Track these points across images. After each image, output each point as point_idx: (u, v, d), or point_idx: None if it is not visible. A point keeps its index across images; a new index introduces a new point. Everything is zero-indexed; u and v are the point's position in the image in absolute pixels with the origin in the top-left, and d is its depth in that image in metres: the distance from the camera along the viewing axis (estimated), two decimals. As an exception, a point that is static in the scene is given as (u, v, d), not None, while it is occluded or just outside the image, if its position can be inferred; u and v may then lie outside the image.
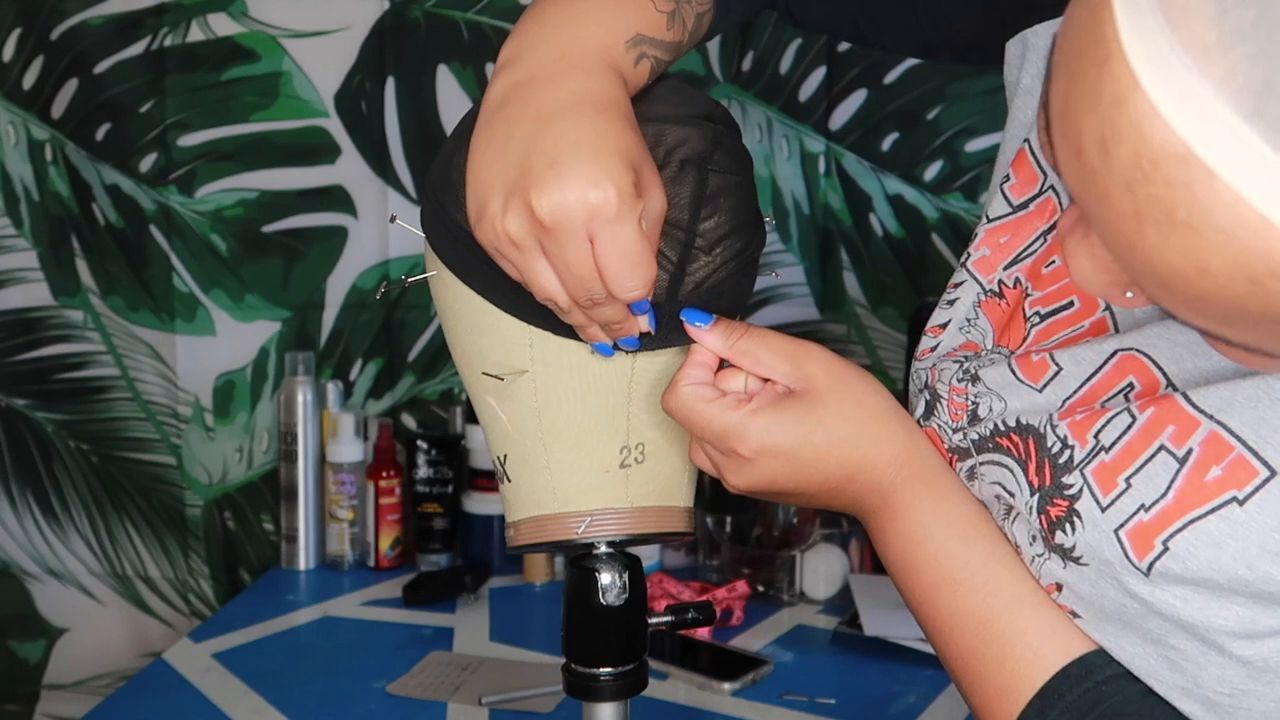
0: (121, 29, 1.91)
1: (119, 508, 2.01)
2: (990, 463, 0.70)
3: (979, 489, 0.72)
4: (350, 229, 1.93)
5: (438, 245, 0.75)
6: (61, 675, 2.05)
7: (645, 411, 0.76)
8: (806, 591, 1.68)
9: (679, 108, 0.74)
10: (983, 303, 0.75)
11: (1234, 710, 0.61)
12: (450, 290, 0.75)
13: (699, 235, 0.72)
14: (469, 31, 1.87)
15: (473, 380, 0.77)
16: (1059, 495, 0.64)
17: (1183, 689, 0.62)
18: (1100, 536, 0.62)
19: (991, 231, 0.75)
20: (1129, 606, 0.62)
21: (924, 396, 0.76)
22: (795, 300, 1.88)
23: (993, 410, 0.70)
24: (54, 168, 1.96)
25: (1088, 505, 0.63)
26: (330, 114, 1.91)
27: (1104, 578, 0.63)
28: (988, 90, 1.80)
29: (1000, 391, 0.70)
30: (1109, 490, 0.62)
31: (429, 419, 1.96)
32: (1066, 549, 0.64)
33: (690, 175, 0.72)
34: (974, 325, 0.76)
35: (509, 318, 0.73)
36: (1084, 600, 0.65)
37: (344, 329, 1.95)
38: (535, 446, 0.76)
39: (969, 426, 0.72)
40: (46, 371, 2.00)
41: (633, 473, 0.76)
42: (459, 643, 1.58)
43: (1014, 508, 0.68)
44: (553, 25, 0.70)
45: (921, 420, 0.76)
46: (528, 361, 0.74)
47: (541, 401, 0.75)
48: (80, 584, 2.03)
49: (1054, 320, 0.71)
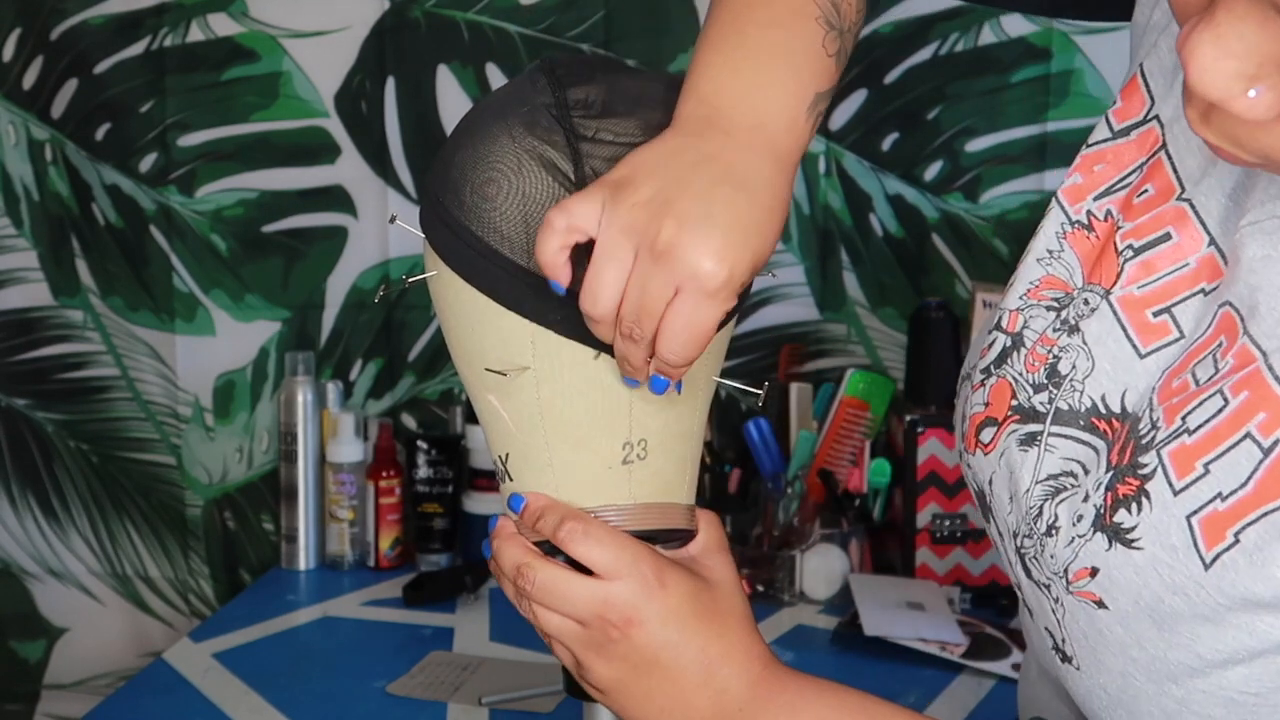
0: (121, 29, 1.91)
1: (119, 508, 2.01)
2: (1070, 439, 0.66)
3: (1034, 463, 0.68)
4: (350, 229, 1.93)
5: (438, 245, 0.75)
6: (62, 675, 2.05)
7: (647, 407, 0.75)
8: (806, 591, 1.68)
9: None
10: (1068, 234, 0.71)
11: (1258, 709, 0.59)
12: (450, 289, 0.75)
13: None
14: (469, 31, 1.87)
15: (473, 379, 0.77)
16: (1132, 474, 0.61)
17: (1204, 693, 0.59)
18: (1169, 521, 0.59)
19: (1087, 158, 0.72)
20: (1167, 604, 0.59)
21: (1000, 339, 0.72)
22: (795, 300, 1.88)
23: (1077, 369, 0.67)
24: (54, 168, 1.96)
25: (1159, 487, 0.60)
26: (330, 114, 1.91)
27: (1155, 565, 0.60)
28: (988, 90, 1.80)
29: (1093, 348, 0.66)
30: (1185, 474, 0.59)
31: (429, 419, 1.96)
32: (1124, 529, 0.61)
33: None
34: (1057, 258, 0.71)
35: (510, 315, 0.73)
36: (1118, 588, 0.61)
37: (344, 329, 1.95)
38: (537, 444, 0.76)
39: (1049, 384, 0.68)
40: (46, 371, 2.00)
41: (635, 469, 0.76)
42: (459, 643, 1.58)
43: (1073, 487, 0.65)
44: (747, 81, 0.71)
45: (993, 367, 0.72)
46: (529, 359, 0.74)
47: (543, 399, 0.75)
48: (80, 584, 2.03)
49: (1151, 255, 0.66)
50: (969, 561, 1.65)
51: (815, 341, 1.89)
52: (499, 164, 0.72)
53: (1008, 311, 0.72)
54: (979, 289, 1.71)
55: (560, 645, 0.75)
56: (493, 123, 0.73)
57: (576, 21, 1.85)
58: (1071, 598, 0.64)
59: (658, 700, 0.73)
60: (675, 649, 0.72)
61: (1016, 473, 0.69)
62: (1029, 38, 1.78)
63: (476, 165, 0.73)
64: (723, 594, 0.75)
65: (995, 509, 0.71)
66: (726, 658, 0.73)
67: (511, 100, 0.74)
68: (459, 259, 0.74)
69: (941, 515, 1.65)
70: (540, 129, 0.72)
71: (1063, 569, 0.65)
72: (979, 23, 1.79)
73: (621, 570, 0.72)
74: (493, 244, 0.72)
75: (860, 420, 1.77)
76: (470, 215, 0.72)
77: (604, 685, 0.74)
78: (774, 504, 1.71)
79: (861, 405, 1.77)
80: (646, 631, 0.72)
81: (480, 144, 0.73)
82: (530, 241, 0.71)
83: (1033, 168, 1.81)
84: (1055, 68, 1.78)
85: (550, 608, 0.74)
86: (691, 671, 0.72)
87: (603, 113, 0.72)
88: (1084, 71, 1.77)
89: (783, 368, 1.85)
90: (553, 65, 0.75)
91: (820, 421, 1.78)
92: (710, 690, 0.72)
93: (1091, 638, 0.64)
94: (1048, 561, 0.66)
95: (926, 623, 1.54)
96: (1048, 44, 1.77)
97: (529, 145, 0.72)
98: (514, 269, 0.72)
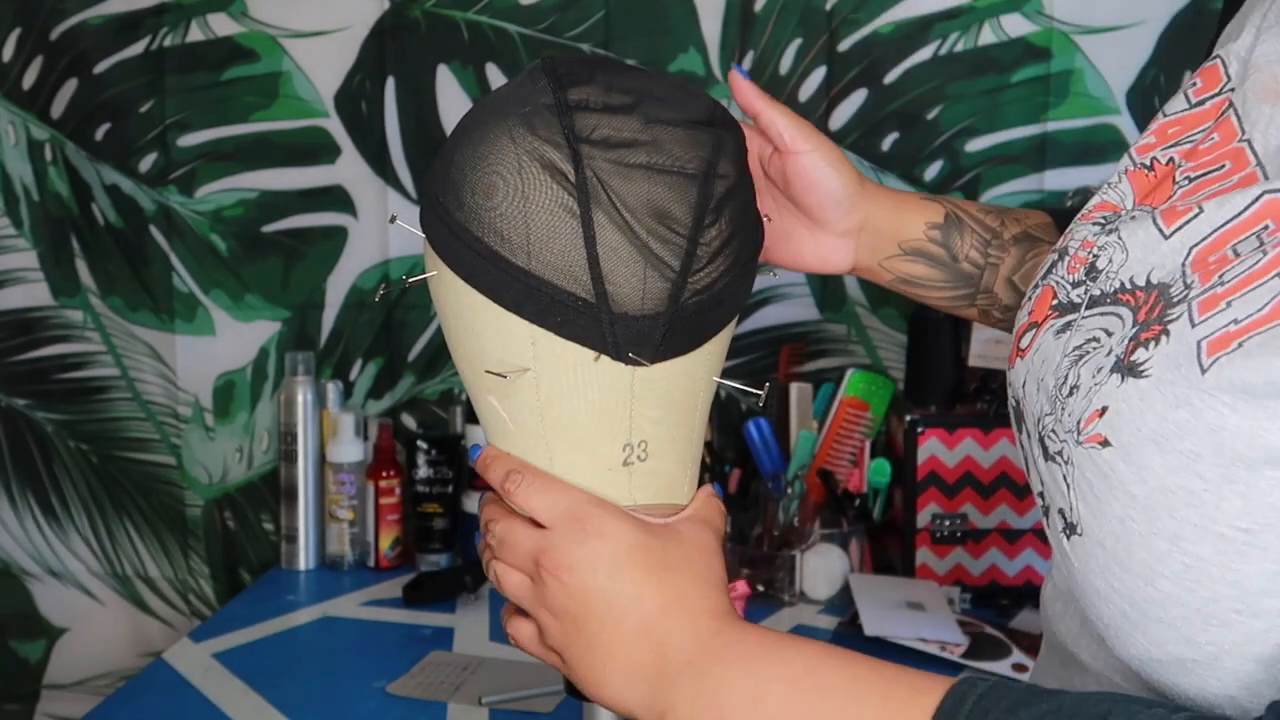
0: (121, 29, 1.91)
1: (119, 508, 2.01)
2: (1098, 314, 0.68)
3: (1067, 342, 0.69)
4: (350, 229, 1.93)
5: (439, 245, 0.75)
6: (61, 675, 2.05)
7: (648, 408, 0.75)
8: (806, 591, 1.68)
9: (680, 111, 0.73)
10: (1129, 171, 0.74)
11: (1247, 548, 0.58)
12: (451, 290, 0.75)
13: (701, 243, 0.72)
14: (469, 31, 1.87)
15: (474, 380, 0.77)
16: (1158, 323, 0.63)
17: (1196, 526, 0.59)
18: (1180, 348, 0.60)
19: (1163, 125, 0.75)
20: (1169, 421, 0.60)
21: (1050, 256, 0.75)
22: (795, 300, 1.88)
23: (1113, 262, 0.68)
24: (54, 168, 1.96)
25: (1181, 325, 0.61)
26: (330, 114, 1.91)
27: (1157, 389, 0.60)
28: (988, 90, 1.80)
29: (1126, 241, 0.68)
30: (1207, 311, 0.60)
31: (429, 419, 1.96)
32: (1138, 364, 0.62)
33: (694, 185, 0.72)
34: (1114, 188, 0.74)
35: (511, 316, 0.73)
36: (1123, 419, 0.62)
37: (344, 329, 1.95)
38: (538, 445, 0.76)
39: (1087, 279, 0.70)
40: (46, 371, 2.00)
41: (635, 470, 0.76)
42: (459, 643, 1.58)
43: (1097, 350, 0.66)
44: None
45: (1040, 280, 0.74)
46: (530, 360, 0.74)
47: (543, 400, 0.75)
48: (80, 584, 2.03)
49: (1201, 180, 0.69)
50: (969, 561, 1.65)
51: (815, 341, 1.89)
52: (499, 165, 0.72)
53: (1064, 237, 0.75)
54: (979, 289, 1.71)
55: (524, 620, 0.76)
56: (493, 123, 0.73)
57: (576, 21, 1.85)
58: (1080, 449, 0.64)
59: (599, 654, 0.72)
60: (605, 595, 0.71)
61: (1049, 359, 0.70)
62: (1029, 38, 1.78)
63: (476, 166, 0.72)
64: (676, 549, 0.74)
65: (1026, 410, 0.71)
66: (665, 611, 0.71)
67: (511, 100, 0.74)
68: (459, 260, 0.73)
69: (941, 515, 1.65)
70: (540, 130, 0.71)
71: (1076, 422, 0.65)
72: (979, 23, 1.79)
73: (557, 517, 0.73)
74: (493, 245, 0.72)
75: (860, 420, 1.77)
76: (470, 217, 0.72)
77: (557, 645, 0.74)
78: (774, 504, 1.71)
79: (861, 405, 1.77)
80: (577, 577, 0.72)
81: (480, 145, 0.73)
82: (531, 243, 0.71)
83: (1033, 168, 1.81)
84: (1055, 68, 1.78)
85: (506, 562, 0.75)
86: (627, 622, 0.71)
87: (603, 111, 0.72)
88: (1084, 71, 1.77)
89: (783, 368, 1.85)
90: (553, 65, 0.74)
91: (820, 421, 1.78)
92: (650, 643, 0.71)
93: (1096, 486, 0.63)
94: (1064, 422, 0.66)
95: (926, 623, 1.54)
96: (1048, 44, 1.77)
97: (529, 146, 0.71)
98: (514, 270, 0.71)
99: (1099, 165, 1.77)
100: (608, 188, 0.71)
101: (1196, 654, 0.61)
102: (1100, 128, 1.78)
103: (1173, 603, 0.61)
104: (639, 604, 0.71)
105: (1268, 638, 0.58)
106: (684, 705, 0.69)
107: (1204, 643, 0.61)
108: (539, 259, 0.71)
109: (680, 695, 0.70)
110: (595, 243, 0.71)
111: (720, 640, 0.71)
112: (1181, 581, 0.60)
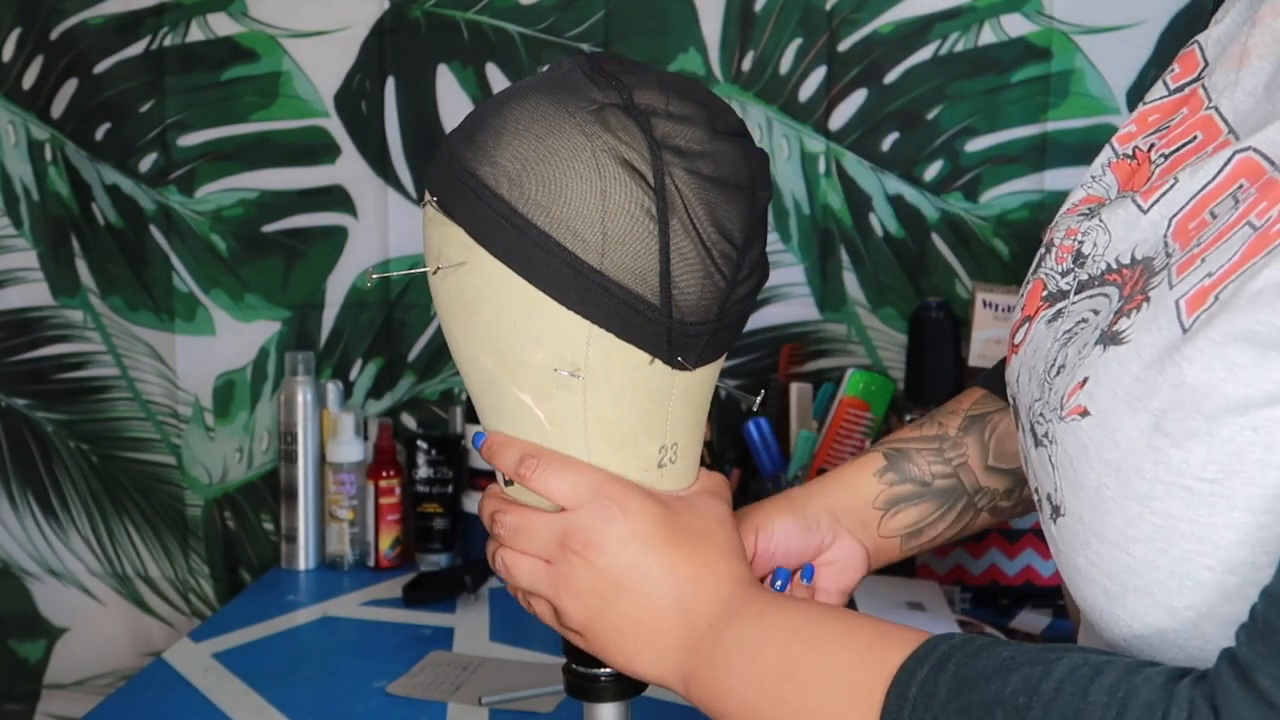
0: (121, 29, 1.91)
1: (119, 507, 2.01)
2: (1086, 297, 0.69)
3: (1057, 328, 0.69)
4: (350, 229, 1.93)
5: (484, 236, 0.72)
6: (62, 675, 2.05)
7: (683, 412, 0.76)
8: (806, 591, 1.68)
9: (731, 124, 0.74)
10: (1113, 163, 0.75)
11: (1213, 499, 0.58)
12: (491, 283, 0.72)
13: (748, 256, 0.74)
14: (469, 31, 1.87)
15: (503, 375, 0.75)
16: (1140, 293, 0.63)
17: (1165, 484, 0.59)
18: (1160, 310, 0.61)
19: (1144, 112, 0.76)
20: (1142, 381, 0.60)
21: (1039, 253, 0.76)
22: (795, 300, 1.88)
23: (1097, 245, 0.69)
24: (54, 167, 1.96)
25: (1160, 290, 0.62)
26: (330, 114, 1.91)
27: (1135, 352, 0.61)
28: (988, 90, 1.80)
29: (1108, 223, 0.69)
30: (1183, 272, 0.61)
31: (429, 419, 1.96)
32: (1120, 333, 0.63)
33: (745, 198, 0.73)
34: (1098, 181, 0.75)
35: (569, 313, 0.72)
36: (1102, 386, 0.62)
37: (344, 329, 1.95)
38: (576, 445, 0.75)
39: (1075, 266, 0.71)
40: (46, 371, 2.00)
41: (667, 472, 0.77)
42: (459, 643, 1.58)
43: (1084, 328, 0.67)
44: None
45: (1030, 276, 0.75)
46: (582, 359, 0.73)
47: (590, 400, 0.74)
48: (80, 584, 2.03)
49: (1175, 156, 0.70)
50: (969, 561, 1.65)
51: (815, 341, 1.89)
52: (574, 160, 0.70)
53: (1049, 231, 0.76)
54: (979, 289, 1.71)
55: (537, 599, 0.76)
56: (558, 116, 0.71)
57: (576, 21, 1.85)
58: (1063, 425, 0.64)
59: (629, 631, 0.73)
60: (638, 570, 0.72)
61: (1040, 347, 0.70)
62: (1029, 38, 1.78)
63: (544, 159, 0.70)
64: (698, 521, 0.75)
65: (1020, 404, 0.72)
66: (696, 579, 0.73)
67: (567, 93, 0.72)
68: (515, 253, 0.71)
69: (941, 515, 1.65)
70: (616, 129, 0.70)
71: (1060, 399, 0.65)
72: (979, 23, 1.79)
73: (581, 498, 0.73)
74: (563, 241, 0.70)
75: (860, 420, 1.77)
76: (536, 209, 0.70)
77: (579, 625, 0.74)
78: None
79: (861, 405, 1.77)
80: (608, 554, 0.72)
81: (547, 136, 0.71)
82: (605, 241, 0.70)
83: (1033, 167, 1.81)
84: (1055, 67, 1.78)
85: (520, 550, 0.75)
86: (658, 594, 0.72)
87: (672, 118, 0.72)
88: (1084, 71, 1.77)
89: (783, 368, 1.85)
90: (601, 63, 0.74)
91: (820, 421, 1.78)
92: (678, 611, 0.72)
93: (1076, 459, 0.63)
94: (1050, 402, 0.66)
95: (926, 623, 1.54)
96: (1048, 44, 1.77)
97: (607, 145, 0.70)
98: (584, 268, 0.70)
99: (1099, 165, 1.77)
100: (684, 196, 0.71)
101: (1176, 622, 0.61)
102: (1100, 128, 1.78)
103: (1147, 568, 0.60)
104: (670, 575, 0.73)
105: (1242, 594, 0.58)
106: (703, 667, 0.71)
107: (1181, 608, 0.60)
108: (612, 259, 0.71)
109: (701, 658, 0.71)
110: (669, 248, 0.71)
111: (738, 603, 0.72)
112: (1154, 543, 0.60)
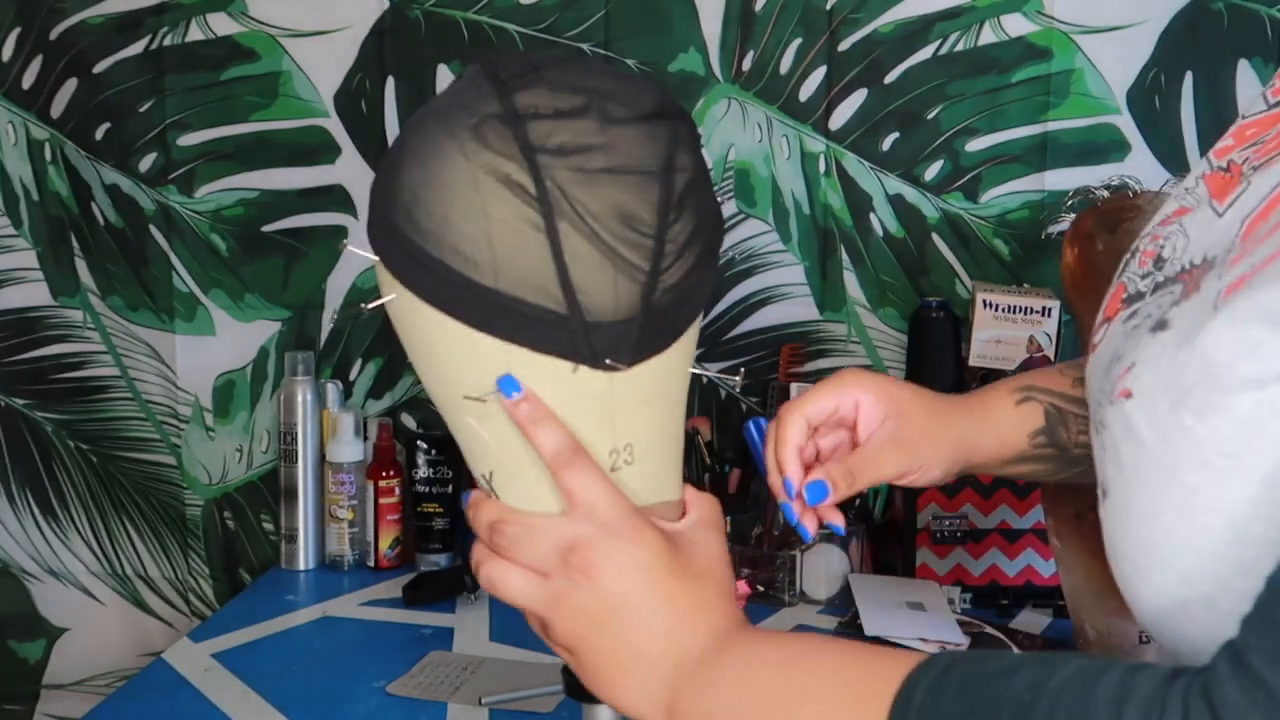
0: (121, 28, 1.91)
1: (119, 508, 2.01)
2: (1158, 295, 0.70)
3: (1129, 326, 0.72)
4: (350, 229, 1.92)
5: (397, 269, 0.72)
6: (61, 675, 2.05)
7: (630, 411, 0.74)
8: (807, 591, 1.68)
9: (633, 107, 0.71)
10: (1206, 175, 0.76)
11: (1232, 473, 0.60)
12: (416, 315, 0.73)
13: (668, 240, 0.71)
14: (469, 31, 1.87)
15: (449, 403, 0.75)
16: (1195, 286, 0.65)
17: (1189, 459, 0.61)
18: (1206, 298, 0.63)
19: (1241, 126, 0.77)
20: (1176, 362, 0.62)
21: (1126, 256, 0.77)
22: (795, 300, 1.88)
23: (1176, 249, 0.70)
24: (53, 167, 1.96)
25: (1210, 280, 0.63)
26: (330, 114, 1.91)
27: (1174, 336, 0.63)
28: (988, 90, 1.80)
29: (1187, 227, 0.70)
30: (1235, 264, 0.63)
31: (429, 419, 1.96)
32: (1167, 320, 0.65)
33: (655, 183, 0.70)
34: (1191, 193, 0.76)
35: (483, 335, 0.71)
36: (1145, 367, 0.65)
37: (344, 329, 1.95)
38: (521, 462, 0.74)
39: (1154, 270, 0.72)
40: (46, 371, 2.00)
41: (623, 475, 0.75)
42: (459, 643, 1.58)
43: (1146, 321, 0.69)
44: None
45: (1115, 279, 0.77)
46: None
47: None
48: (80, 584, 2.03)
49: (1265, 165, 0.71)
50: (969, 561, 1.65)
51: (815, 341, 1.88)
52: (454, 184, 0.69)
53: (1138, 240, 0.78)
54: (979, 289, 1.70)
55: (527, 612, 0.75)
56: (441, 138, 0.70)
57: (576, 21, 1.85)
58: (1112, 409, 0.67)
59: (617, 656, 0.72)
60: (637, 599, 0.71)
61: (1112, 343, 0.73)
62: (1029, 38, 1.78)
63: (429, 185, 0.70)
64: (700, 558, 0.74)
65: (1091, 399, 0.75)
66: (693, 613, 0.72)
67: (456, 109, 0.71)
68: (421, 284, 0.71)
69: (941, 515, 1.65)
70: (493, 142, 0.68)
71: (1113, 386, 0.68)
72: (979, 22, 1.79)
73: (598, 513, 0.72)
74: (456, 267, 0.69)
75: (860, 420, 1.76)
76: (429, 239, 0.70)
77: (568, 643, 0.73)
78: (774, 504, 1.71)
79: (861, 405, 1.76)
80: (610, 577, 0.71)
81: (430, 162, 0.70)
82: (496, 260, 0.69)
83: (1033, 167, 1.81)
84: (1055, 67, 1.77)
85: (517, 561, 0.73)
86: (654, 623, 0.71)
87: (555, 116, 0.69)
88: (1084, 71, 1.76)
89: (783, 368, 1.84)
90: (494, 68, 0.71)
91: (820, 421, 1.78)
92: (670, 643, 0.71)
93: (1120, 440, 0.66)
94: (1106, 390, 0.69)
95: (926, 623, 1.54)
96: (1048, 44, 1.77)
97: (484, 161, 0.68)
98: (482, 290, 0.70)
99: (1099, 165, 1.77)
100: (569, 197, 0.68)
101: (1195, 593, 0.63)
102: (1101, 127, 1.78)
103: (1171, 540, 0.63)
104: (669, 607, 0.72)
105: (1256, 569, 0.58)
106: (692, 695, 0.70)
107: (1199, 580, 0.62)
108: (506, 276, 0.69)
109: (692, 686, 0.70)
110: (563, 254, 0.69)
111: (732, 636, 0.72)
112: (1178, 515, 0.62)
